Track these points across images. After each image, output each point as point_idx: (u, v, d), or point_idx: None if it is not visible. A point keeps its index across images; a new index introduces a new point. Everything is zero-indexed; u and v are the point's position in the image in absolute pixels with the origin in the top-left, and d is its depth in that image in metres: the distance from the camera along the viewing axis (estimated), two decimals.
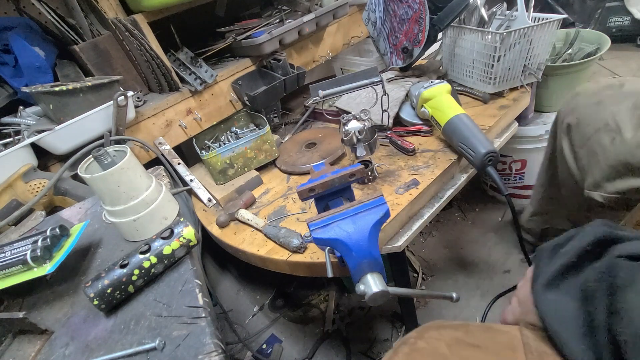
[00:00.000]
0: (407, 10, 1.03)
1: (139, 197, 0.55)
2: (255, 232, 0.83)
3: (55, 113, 0.79)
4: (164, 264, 0.49)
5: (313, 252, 0.72)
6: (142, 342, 0.42)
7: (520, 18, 1.01)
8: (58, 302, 0.52)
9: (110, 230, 0.62)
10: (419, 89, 0.91)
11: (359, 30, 1.39)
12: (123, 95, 0.81)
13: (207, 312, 0.44)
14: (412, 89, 0.98)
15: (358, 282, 0.42)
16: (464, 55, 1.06)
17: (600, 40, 1.12)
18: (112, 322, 0.46)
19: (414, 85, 1.00)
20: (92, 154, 0.53)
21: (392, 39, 1.14)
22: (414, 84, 1.03)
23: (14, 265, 0.48)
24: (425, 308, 1.07)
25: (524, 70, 0.99)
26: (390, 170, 0.87)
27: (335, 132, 1.09)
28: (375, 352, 1.00)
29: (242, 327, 1.17)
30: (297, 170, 0.99)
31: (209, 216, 0.93)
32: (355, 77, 0.84)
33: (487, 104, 1.03)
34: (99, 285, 0.45)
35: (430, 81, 0.92)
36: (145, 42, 0.89)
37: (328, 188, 0.53)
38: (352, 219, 0.44)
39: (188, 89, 1.01)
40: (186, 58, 1.05)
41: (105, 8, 0.88)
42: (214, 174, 0.98)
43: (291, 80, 1.09)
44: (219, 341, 0.41)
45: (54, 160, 0.85)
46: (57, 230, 0.52)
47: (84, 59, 0.90)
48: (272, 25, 1.13)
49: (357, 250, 0.42)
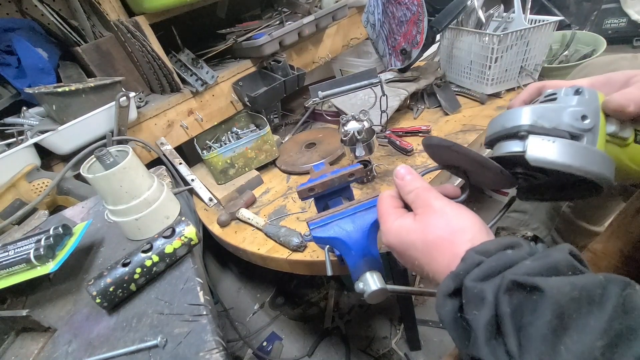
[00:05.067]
0: (406, 12, 1.04)
1: (141, 196, 0.55)
2: (256, 231, 0.83)
3: (58, 114, 0.80)
4: (165, 263, 0.50)
5: (313, 251, 0.72)
6: (144, 339, 0.43)
7: (517, 20, 1.02)
8: (61, 300, 0.52)
9: (113, 230, 0.63)
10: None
11: (358, 32, 1.40)
12: (125, 96, 0.81)
13: (208, 310, 0.45)
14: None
15: (357, 280, 0.42)
16: (461, 57, 1.07)
17: (596, 42, 1.13)
18: (115, 319, 0.47)
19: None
20: (94, 154, 0.53)
21: (391, 40, 1.15)
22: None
23: (18, 264, 0.48)
24: (423, 306, 1.08)
25: (520, 72, 1.00)
26: (389, 170, 0.88)
27: (334, 132, 1.10)
28: (374, 349, 1.00)
29: (242, 324, 1.18)
30: (297, 170, 1.00)
31: (210, 215, 0.94)
32: (354, 78, 0.84)
33: (485, 104, 1.04)
34: (102, 283, 0.46)
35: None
36: (147, 44, 0.90)
37: (328, 188, 0.53)
38: (352, 218, 0.45)
39: (189, 89, 1.01)
40: (187, 59, 1.06)
41: (107, 10, 0.89)
42: (215, 174, 0.99)
43: (291, 82, 1.10)
44: (220, 339, 0.41)
45: (57, 160, 0.86)
46: (60, 229, 0.52)
47: (87, 60, 0.91)
48: (272, 27, 1.14)
49: (357, 248, 0.42)
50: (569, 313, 0.21)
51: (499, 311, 0.23)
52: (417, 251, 0.32)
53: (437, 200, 0.33)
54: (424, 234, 0.32)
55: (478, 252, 0.27)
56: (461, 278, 0.26)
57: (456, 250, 0.29)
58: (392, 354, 0.98)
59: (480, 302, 0.24)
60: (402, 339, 1.01)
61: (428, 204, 0.33)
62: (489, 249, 0.27)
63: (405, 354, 0.97)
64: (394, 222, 0.35)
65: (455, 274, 0.27)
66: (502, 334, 0.23)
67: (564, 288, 0.22)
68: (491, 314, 0.24)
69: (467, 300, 0.25)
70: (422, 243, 0.32)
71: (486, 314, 0.24)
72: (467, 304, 0.25)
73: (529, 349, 0.21)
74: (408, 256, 0.33)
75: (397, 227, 0.34)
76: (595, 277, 0.22)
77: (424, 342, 0.98)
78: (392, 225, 0.35)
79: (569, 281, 0.22)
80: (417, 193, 0.35)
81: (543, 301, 0.22)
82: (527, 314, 0.22)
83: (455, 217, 0.31)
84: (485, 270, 0.25)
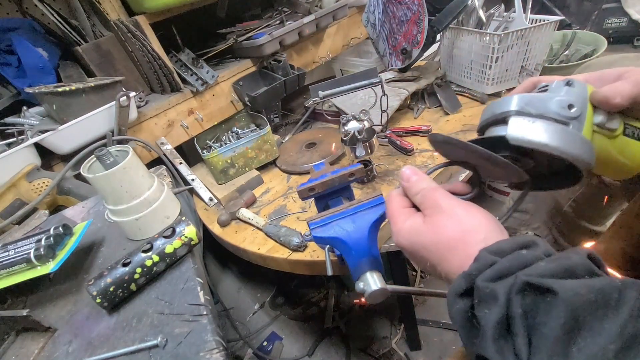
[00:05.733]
0: (406, 12, 1.04)
1: (141, 196, 0.55)
2: (256, 231, 0.83)
3: (58, 113, 0.80)
4: (166, 263, 0.50)
5: (313, 251, 0.72)
6: (145, 339, 0.43)
7: (518, 20, 1.02)
8: (61, 300, 0.52)
9: (113, 229, 0.63)
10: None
11: (359, 31, 1.40)
12: (125, 95, 0.81)
13: (209, 309, 0.45)
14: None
15: (357, 280, 0.42)
16: (462, 57, 1.07)
17: (596, 41, 1.13)
18: (115, 319, 0.47)
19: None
20: (94, 153, 0.53)
21: (392, 40, 1.15)
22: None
23: (18, 264, 0.48)
24: (423, 306, 1.08)
25: (521, 71, 1.00)
26: (390, 170, 0.87)
27: (335, 132, 1.10)
28: (374, 349, 1.00)
29: (243, 324, 1.18)
30: (297, 170, 0.99)
31: (210, 215, 0.94)
32: (354, 78, 0.84)
33: (485, 104, 1.04)
34: (102, 283, 0.46)
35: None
36: (147, 43, 0.90)
37: (328, 188, 0.53)
38: (352, 218, 0.45)
39: (189, 89, 1.01)
40: (188, 59, 1.06)
41: (107, 10, 0.89)
42: (215, 174, 0.99)
43: (291, 81, 1.10)
44: (220, 338, 0.41)
45: (57, 160, 0.86)
46: (60, 229, 0.52)
47: (87, 60, 0.91)
48: (272, 26, 1.14)
49: (357, 248, 0.42)
50: (583, 315, 0.21)
51: (510, 311, 0.23)
52: (428, 252, 0.32)
53: (446, 200, 0.33)
54: (435, 235, 0.31)
55: (492, 252, 0.27)
56: (473, 278, 0.26)
57: (469, 251, 0.28)
58: (392, 354, 0.98)
59: (491, 301, 0.24)
60: (402, 339, 1.01)
61: (437, 205, 0.33)
62: (503, 248, 0.27)
63: (405, 354, 0.97)
64: (404, 222, 0.35)
65: (467, 273, 0.26)
66: (512, 334, 0.23)
67: (580, 290, 0.21)
68: (502, 313, 0.23)
69: (479, 300, 0.25)
70: (433, 244, 0.31)
71: (497, 313, 0.23)
72: (479, 303, 0.25)
73: (540, 350, 0.21)
74: (420, 257, 0.33)
75: (408, 228, 0.34)
76: (613, 281, 0.22)
77: (424, 342, 0.98)
78: (403, 226, 0.34)
79: (585, 284, 0.22)
80: (424, 194, 0.35)
81: (557, 303, 0.22)
82: (540, 316, 0.22)
83: (466, 216, 0.31)
84: (499, 270, 0.25)
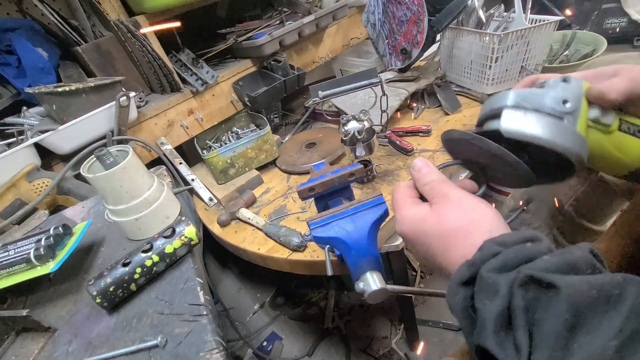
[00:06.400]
0: (406, 12, 1.04)
1: (141, 196, 0.55)
2: (256, 231, 0.83)
3: (58, 113, 0.80)
4: (165, 263, 0.50)
5: (313, 251, 0.72)
6: (144, 339, 0.43)
7: (518, 20, 1.02)
8: (61, 300, 0.52)
9: (113, 229, 0.63)
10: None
11: (359, 31, 1.40)
12: (125, 95, 0.81)
13: (209, 309, 0.45)
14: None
15: (357, 280, 0.42)
16: (462, 57, 1.07)
17: (596, 41, 1.13)
18: (115, 319, 0.47)
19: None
20: (94, 153, 0.53)
21: (391, 40, 1.15)
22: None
23: (18, 264, 0.48)
24: (423, 306, 1.08)
25: (521, 71, 1.00)
26: (389, 170, 0.88)
27: (334, 132, 1.10)
28: (374, 349, 1.00)
29: (243, 324, 1.18)
30: (297, 170, 1.00)
31: (210, 215, 0.94)
32: (354, 78, 0.84)
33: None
34: (102, 283, 0.46)
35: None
36: (147, 44, 0.90)
37: (328, 188, 0.53)
38: (352, 218, 0.45)
39: (189, 89, 1.01)
40: (187, 59, 1.06)
41: (107, 10, 0.89)
42: (215, 174, 0.99)
43: (291, 81, 1.10)
44: (220, 338, 0.41)
45: (57, 160, 0.86)
46: (60, 229, 0.52)
47: (87, 60, 0.91)
48: (272, 26, 1.14)
49: (357, 248, 0.42)
50: (584, 312, 0.21)
51: (512, 304, 0.23)
52: (431, 239, 0.32)
53: (455, 191, 0.33)
54: (440, 223, 0.31)
55: (496, 243, 0.27)
56: (477, 267, 0.26)
57: (474, 240, 0.28)
58: (392, 354, 0.98)
59: (493, 293, 0.24)
60: (402, 339, 1.01)
61: (445, 194, 0.33)
62: (507, 241, 0.27)
63: (405, 354, 0.97)
64: (409, 209, 0.34)
65: (471, 262, 0.26)
66: (513, 326, 0.23)
67: (582, 287, 0.22)
68: (503, 305, 0.23)
69: (480, 289, 0.25)
70: (437, 232, 0.31)
71: (498, 305, 0.23)
72: (479, 293, 0.25)
73: (540, 344, 0.21)
74: (421, 244, 0.33)
75: (412, 214, 0.34)
76: (614, 277, 0.22)
77: (424, 342, 0.98)
78: (408, 212, 0.34)
79: (586, 280, 0.22)
80: (433, 185, 0.35)
81: (558, 298, 0.22)
82: (541, 310, 0.22)
83: (473, 208, 0.31)
84: (503, 261, 0.25)
